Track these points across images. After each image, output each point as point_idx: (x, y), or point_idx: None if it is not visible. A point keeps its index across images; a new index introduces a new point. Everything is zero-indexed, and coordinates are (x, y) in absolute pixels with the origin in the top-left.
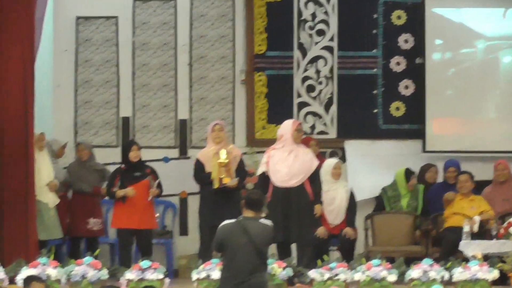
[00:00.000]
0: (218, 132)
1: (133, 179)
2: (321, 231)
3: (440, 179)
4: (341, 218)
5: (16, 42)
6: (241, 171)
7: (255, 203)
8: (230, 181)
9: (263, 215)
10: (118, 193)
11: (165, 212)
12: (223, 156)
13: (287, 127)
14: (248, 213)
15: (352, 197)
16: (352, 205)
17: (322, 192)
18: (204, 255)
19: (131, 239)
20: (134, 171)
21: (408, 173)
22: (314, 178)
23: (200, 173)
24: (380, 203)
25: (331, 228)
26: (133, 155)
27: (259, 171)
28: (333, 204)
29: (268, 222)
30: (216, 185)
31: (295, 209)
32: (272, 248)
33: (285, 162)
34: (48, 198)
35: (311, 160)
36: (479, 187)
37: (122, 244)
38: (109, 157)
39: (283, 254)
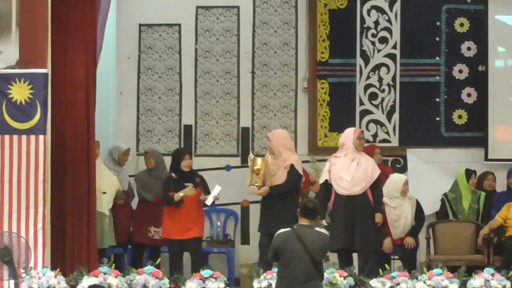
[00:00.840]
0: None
1: (183, 189)
2: (387, 245)
3: (500, 186)
4: (406, 232)
5: (79, 47)
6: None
7: (310, 211)
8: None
9: (324, 223)
10: (176, 196)
11: (227, 221)
12: (258, 162)
13: (349, 135)
14: (303, 221)
15: (420, 209)
16: (420, 218)
17: (390, 208)
18: (264, 264)
19: (181, 249)
20: (185, 180)
21: (469, 172)
22: (376, 186)
23: None
24: (443, 209)
25: (395, 240)
26: (184, 164)
27: (321, 179)
28: (399, 221)
29: (324, 231)
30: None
31: (358, 217)
32: (334, 257)
33: (348, 170)
34: (103, 207)
35: (373, 168)
36: None
37: (172, 254)
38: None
39: (345, 263)
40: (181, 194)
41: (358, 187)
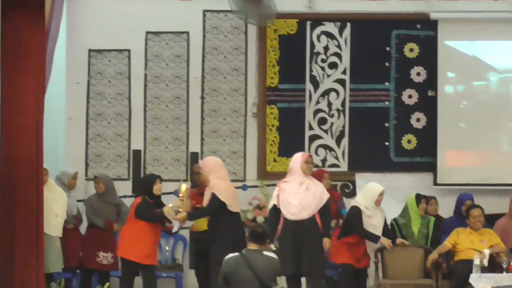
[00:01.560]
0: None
1: None
2: (386, 242)
3: (448, 211)
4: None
5: (28, 75)
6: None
7: (259, 236)
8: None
9: (273, 247)
10: (166, 208)
11: (175, 245)
12: (182, 189)
13: (296, 159)
14: (252, 246)
15: (386, 224)
16: (386, 225)
17: (366, 216)
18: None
19: (135, 271)
20: (156, 205)
21: (419, 197)
22: (325, 211)
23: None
24: (392, 234)
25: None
26: (157, 188)
27: (270, 204)
28: (375, 231)
29: (273, 255)
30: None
31: (306, 242)
32: (282, 281)
33: (296, 195)
34: (55, 230)
35: (322, 193)
36: (491, 220)
37: (126, 274)
38: (120, 190)
39: (293, 287)
40: (170, 205)
41: (306, 212)
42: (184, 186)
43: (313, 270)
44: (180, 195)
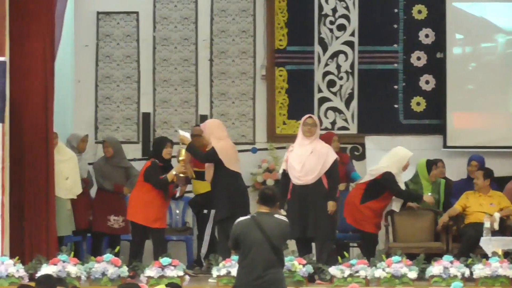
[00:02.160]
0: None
1: None
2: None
3: (458, 174)
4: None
5: (37, 38)
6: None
7: (269, 198)
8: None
9: (283, 212)
10: (170, 175)
11: (185, 209)
12: (183, 153)
13: (300, 123)
14: (262, 209)
15: None
16: None
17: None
18: (222, 252)
19: (145, 235)
20: (166, 168)
21: (430, 163)
22: (330, 173)
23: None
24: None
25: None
26: (167, 152)
27: (280, 169)
28: None
29: (283, 218)
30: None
31: (311, 206)
32: (292, 245)
33: (299, 159)
34: (65, 193)
35: (327, 156)
36: (501, 182)
37: (136, 238)
38: (129, 153)
39: (303, 251)
40: (173, 172)
41: (310, 176)
42: (183, 151)
43: (320, 233)
44: (180, 159)
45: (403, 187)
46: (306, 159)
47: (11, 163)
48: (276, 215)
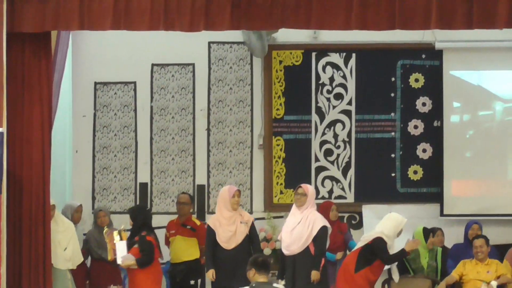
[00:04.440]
0: (238, 198)
1: None
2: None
3: (453, 241)
4: None
5: (35, 105)
6: (254, 236)
7: (265, 265)
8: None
9: (282, 283)
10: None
11: None
12: (117, 238)
13: None
14: (260, 278)
15: None
16: None
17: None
18: None
19: None
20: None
21: (427, 231)
22: (315, 240)
23: (209, 249)
24: (400, 266)
25: None
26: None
27: (278, 238)
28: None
29: (281, 286)
30: (110, 256)
31: (298, 276)
32: None
33: (289, 229)
34: (61, 264)
35: (314, 223)
36: (499, 250)
37: None
38: (127, 223)
39: None
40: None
41: (296, 245)
42: (117, 232)
43: None
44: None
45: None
46: (294, 228)
47: (9, 233)
48: (274, 284)
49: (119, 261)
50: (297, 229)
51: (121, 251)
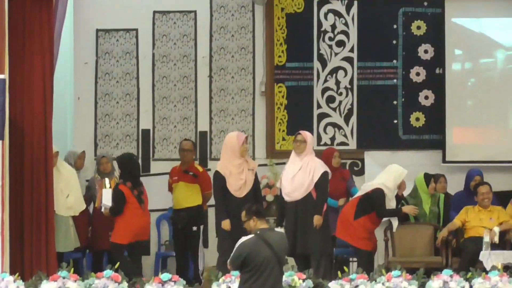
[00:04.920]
0: (246, 145)
1: None
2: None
3: (455, 188)
4: None
5: (36, 54)
6: (256, 183)
7: (262, 211)
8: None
9: (281, 229)
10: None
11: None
12: (107, 185)
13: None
14: (262, 225)
15: None
16: None
17: (387, 199)
18: (222, 267)
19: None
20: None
21: (428, 177)
22: (318, 187)
23: (220, 196)
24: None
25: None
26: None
27: (277, 185)
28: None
29: (282, 230)
30: (97, 203)
31: (300, 222)
32: (292, 260)
33: (289, 175)
34: (63, 211)
35: (315, 169)
36: (500, 197)
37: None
38: None
39: (301, 266)
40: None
41: (297, 192)
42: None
43: (313, 249)
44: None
45: (393, 205)
46: (295, 175)
47: (11, 180)
48: (276, 229)
49: (102, 209)
50: (298, 176)
51: (105, 199)
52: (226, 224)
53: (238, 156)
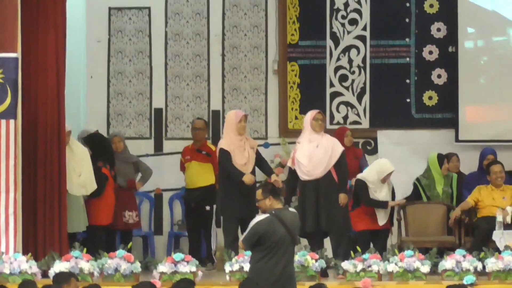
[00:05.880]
0: (244, 123)
1: None
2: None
3: (469, 167)
4: (387, 217)
5: (49, 31)
6: (262, 159)
7: (278, 191)
8: None
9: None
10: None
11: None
12: None
13: (306, 117)
14: (278, 204)
15: (392, 192)
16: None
17: (370, 190)
18: (232, 247)
19: None
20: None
21: (441, 157)
22: (339, 165)
23: (231, 164)
24: (416, 194)
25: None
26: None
27: (288, 164)
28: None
29: (294, 210)
30: None
31: (322, 200)
32: (305, 240)
33: (307, 154)
34: (75, 190)
35: (333, 148)
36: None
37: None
38: (141, 149)
39: (315, 245)
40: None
41: (318, 169)
42: None
43: (333, 227)
44: None
45: (381, 197)
46: (313, 153)
47: (24, 160)
48: (290, 208)
49: None
50: (317, 154)
51: None
52: (248, 177)
53: (235, 134)
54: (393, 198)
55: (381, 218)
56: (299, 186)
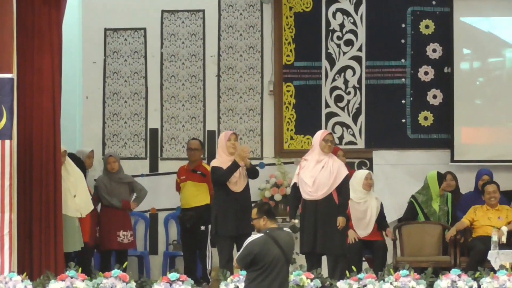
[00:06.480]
0: (234, 141)
1: None
2: (351, 235)
3: (465, 188)
4: (371, 229)
5: (45, 52)
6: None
7: (273, 212)
8: None
9: (295, 222)
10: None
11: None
12: None
13: (316, 136)
14: (272, 224)
15: (382, 215)
16: (381, 214)
17: (355, 203)
18: (227, 267)
19: None
20: None
21: (440, 176)
22: (341, 189)
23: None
24: (411, 211)
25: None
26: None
27: (292, 181)
28: (365, 217)
29: (289, 230)
30: None
31: (320, 221)
32: (300, 259)
33: (311, 174)
34: (70, 211)
35: (338, 171)
36: (509, 197)
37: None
38: (137, 169)
39: (312, 265)
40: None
41: (321, 191)
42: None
43: (330, 249)
44: None
45: (373, 209)
46: (318, 174)
47: (20, 180)
48: (284, 228)
49: None
50: (322, 175)
51: None
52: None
53: (226, 154)
54: (381, 212)
55: (360, 228)
56: (301, 205)
